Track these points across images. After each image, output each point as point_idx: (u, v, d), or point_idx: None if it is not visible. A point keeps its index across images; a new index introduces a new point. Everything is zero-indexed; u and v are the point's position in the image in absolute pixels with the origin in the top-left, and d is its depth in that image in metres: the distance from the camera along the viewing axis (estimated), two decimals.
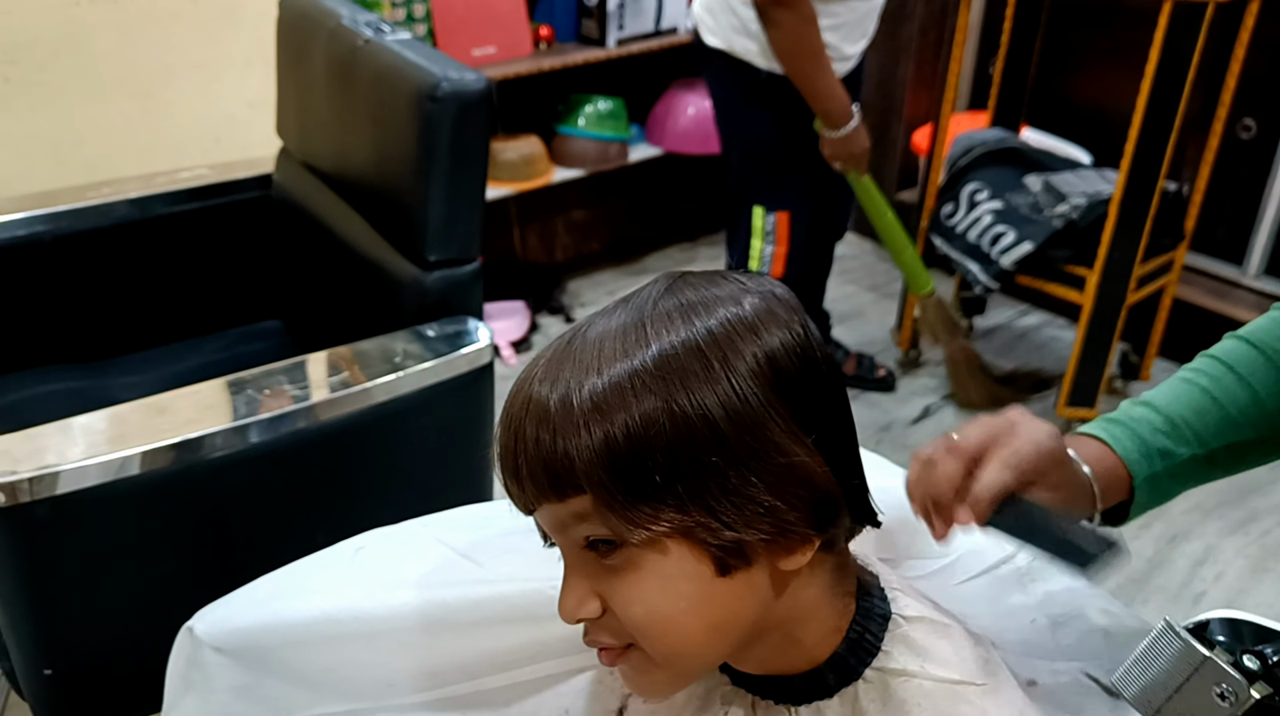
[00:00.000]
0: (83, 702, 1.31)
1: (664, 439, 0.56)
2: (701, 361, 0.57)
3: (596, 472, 0.56)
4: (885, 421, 2.50)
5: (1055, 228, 2.31)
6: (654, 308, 0.60)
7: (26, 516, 1.14)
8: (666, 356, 0.57)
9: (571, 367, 0.58)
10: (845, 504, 0.62)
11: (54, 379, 1.71)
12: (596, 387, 0.56)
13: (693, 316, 0.58)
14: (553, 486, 0.58)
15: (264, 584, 0.92)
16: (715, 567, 0.58)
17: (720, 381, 0.56)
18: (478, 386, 1.42)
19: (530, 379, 0.60)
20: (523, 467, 0.59)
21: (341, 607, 0.86)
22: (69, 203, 1.73)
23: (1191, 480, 0.77)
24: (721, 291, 0.60)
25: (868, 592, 0.68)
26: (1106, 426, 0.76)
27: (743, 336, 0.58)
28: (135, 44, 2.20)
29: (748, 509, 0.57)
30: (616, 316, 0.60)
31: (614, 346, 0.58)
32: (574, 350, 0.59)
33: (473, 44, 2.57)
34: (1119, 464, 0.74)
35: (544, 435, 0.57)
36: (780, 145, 2.09)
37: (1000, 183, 2.46)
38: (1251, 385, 0.75)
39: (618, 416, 0.56)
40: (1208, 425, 0.75)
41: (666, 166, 3.12)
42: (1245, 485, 2.29)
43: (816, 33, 1.92)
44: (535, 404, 0.58)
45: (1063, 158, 2.60)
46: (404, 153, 1.41)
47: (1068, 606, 0.84)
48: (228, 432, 1.23)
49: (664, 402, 0.56)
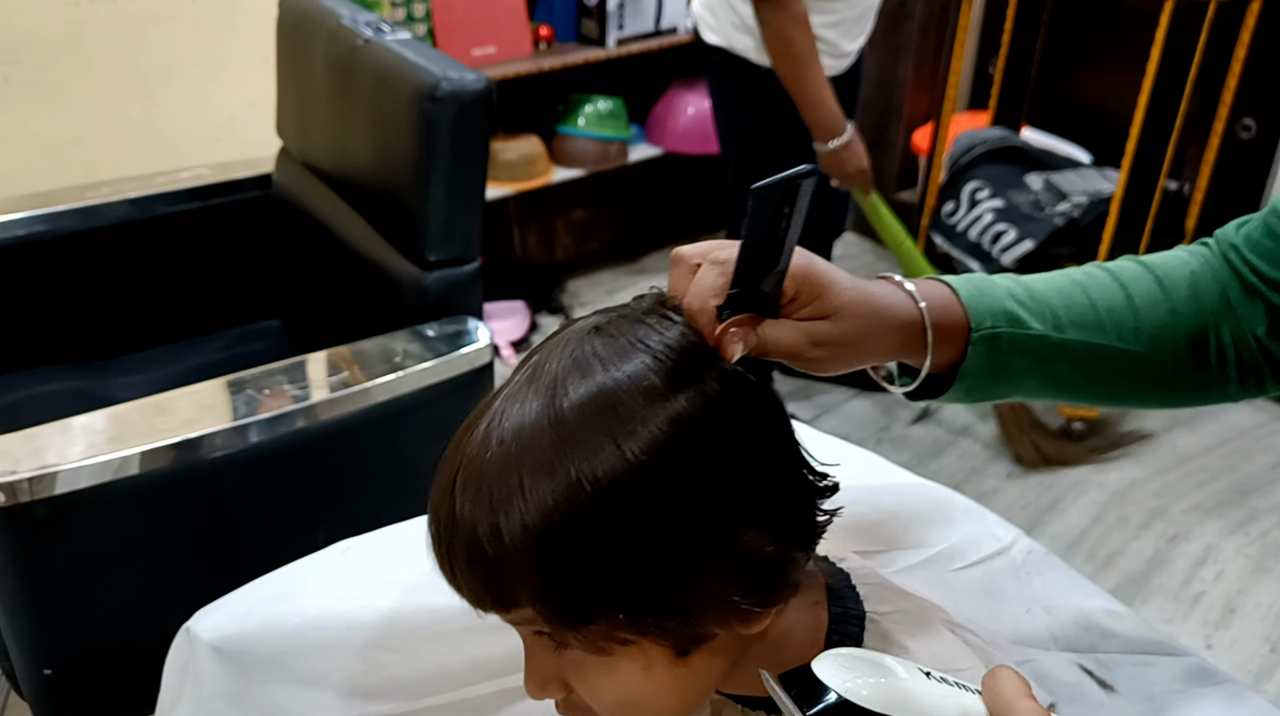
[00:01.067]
0: (82, 702, 1.31)
1: (603, 557, 0.53)
2: (627, 468, 0.53)
3: (537, 598, 0.55)
4: (885, 421, 2.50)
5: (1056, 226, 2.31)
6: (565, 402, 0.54)
7: (26, 516, 1.14)
8: (594, 471, 0.53)
9: (494, 488, 0.54)
10: (798, 554, 0.60)
11: (54, 379, 1.71)
12: (527, 515, 0.53)
13: (608, 413, 0.54)
14: (495, 603, 0.56)
15: (262, 585, 0.92)
16: (674, 653, 0.57)
17: (651, 485, 0.53)
18: (478, 386, 1.42)
19: (450, 489, 0.56)
20: (461, 585, 0.57)
21: (332, 613, 0.86)
22: (69, 203, 1.73)
23: (1037, 365, 0.67)
24: (633, 367, 0.55)
25: (839, 596, 0.68)
26: (960, 278, 0.68)
27: (667, 431, 0.54)
28: (135, 44, 2.20)
29: (696, 603, 0.55)
30: (529, 407, 0.55)
31: (534, 460, 0.54)
32: (492, 465, 0.55)
33: (473, 44, 2.57)
34: (960, 311, 0.65)
35: (477, 562, 0.55)
36: (779, 143, 2.08)
37: (1001, 181, 2.46)
38: (1129, 293, 0.69)
39: (551, 541, 0.53)
40: (1070, 310, 0.68)
41: (666, 166, 3.12)
42: (1245, 485, 2.29)
43: (806, 35, 1.88)
44: (462, 530, 0.55)
45: (1063, 156, 2.60)
46: (404, 153, 1.41)
47: (1063, 600, 0.84)
48: (227, 432, 1.23)
49: (597, 520, 0.53)
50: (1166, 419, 2.52)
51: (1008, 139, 2.59)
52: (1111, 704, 0.78)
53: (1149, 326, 0.68)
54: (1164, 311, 0.68)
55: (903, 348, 0.64)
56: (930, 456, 2.37)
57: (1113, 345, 0.68)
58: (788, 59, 1.90)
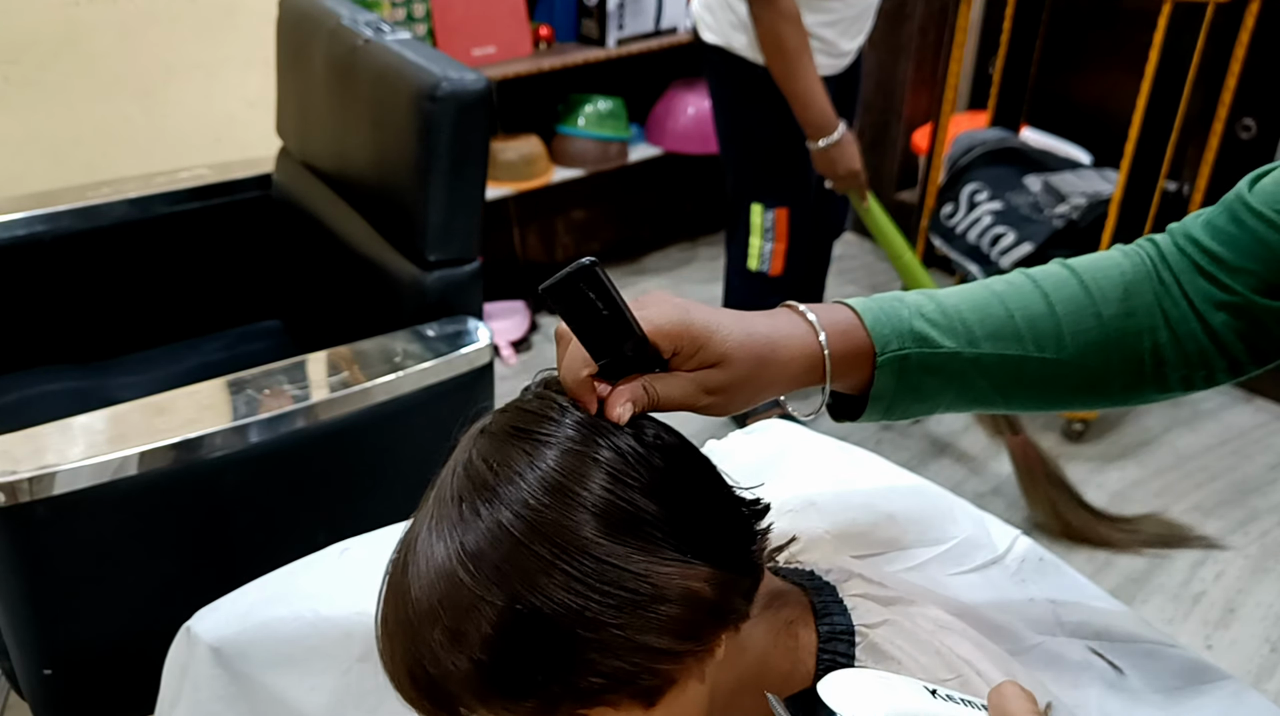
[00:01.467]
0: (82, 702, 1.31)
1: (531, 641, 0.54)
2: (533, 555, 0.54)
3: (479, 695, 0.55)
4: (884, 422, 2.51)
5: (1055, 228, 2.31)
6: (461, 513, 0.56)
7: (26, 516, 1.14)
8: (496, 564, 0.54)
9: (419, 643, 0.56)
10: (738, 579, 0.60)
11: (54, 379, 1.71)
12: (457, 661, 0.55)
13: (505, 510, 0.55)
14: (445, 711, 0.57)
15: (262, 586, 0.92)
16: (642, 704, 0.57)
17: (560, 562, 0.54)
18: (477, 386, 1.42)
19: (384, 634, 0.59)
20: (410, 701, 0.59)
21: (331, 615, 0.86)
22: (69, 203, 1.73)
23: (951, 382, 0.67)
24: (520, 465, 0.57)
25: (826, 613, 0.68)
26: (864, 300, 0.67)
27: (564, 507, 0.55)
28: (135, 44, 2.20)
29: (641, 657, 0.55)
30: (436, 549, 0.56)
31: (452, 605, 0.55)
32: (414, 617, 0.56)
33: (472, 44, 2.57)
34: (864, 336, 0.65)
35: (418, 689, 0.57)
36: (778, 141, 2.08)
37: (1000, 182, 2.46)
38: (1051, 301, 0.68)
39: (476, 640, 0.54)
40: (985, 323, 0.67)
41: (666, 166, 3.12)
42: (1245, 485, 2.29)
43: (797, 32, 1.88)
44: (398, 651, 0.57)
45: (1062, 157, 2.59)
46: (404, 152, 1.41)
47: (1066, 599, 0.84)
48: (227, 432, 1.23)
49: (515, 609, 0.54)
50: (1166, 419, 2.53)
51: (1006, 140, 2.59)
52: (1122, 682, 0.78)
53: (1071, 333, 0.67)
54: (1088, 316, 0.68)
55: (804, 377, 0.64)
56: (930, 456, 2.38)
57: (1030, 355, 0.67)
58: (778, 56, 1.90)
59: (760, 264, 2.20)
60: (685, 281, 3.15)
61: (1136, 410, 2.56)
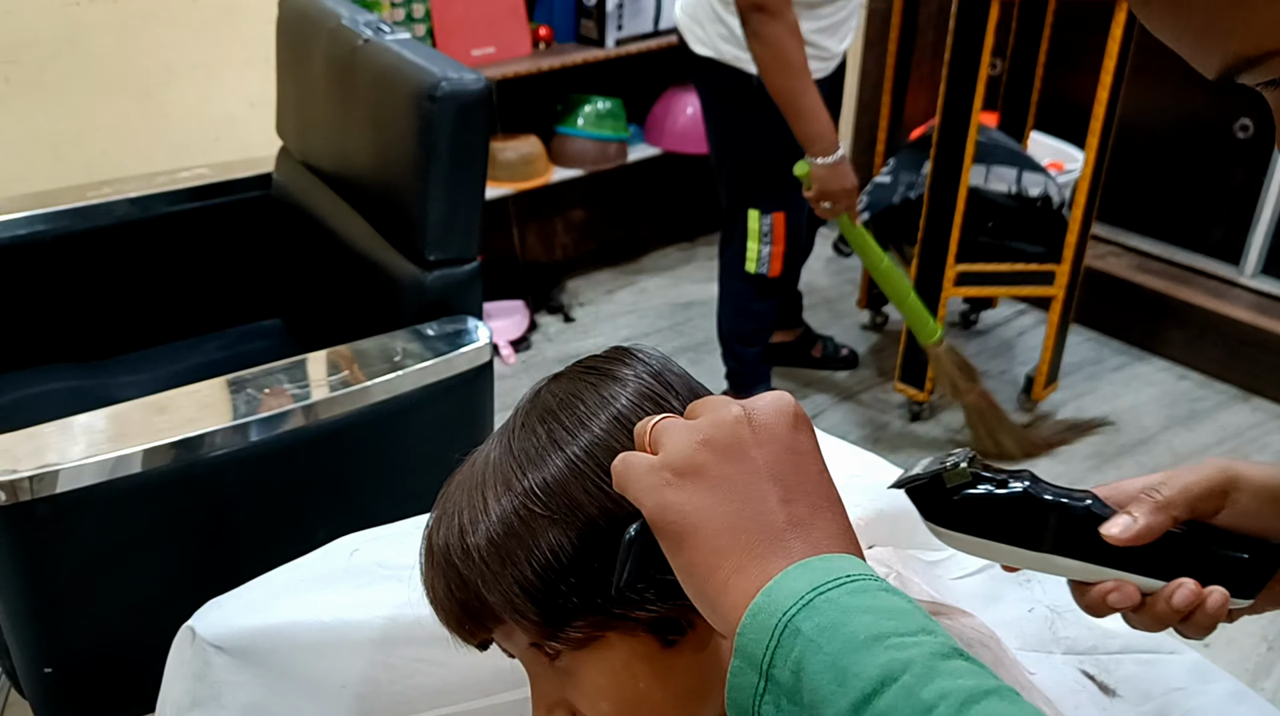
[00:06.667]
0: (83, 701, 1.31)
1: (569, 562, 0.56)
2: (580, 478, 0.57)
3: (514, 609, 0.58)
4: (883, 421, 2.51)
5: (892, 203, 2.44)
6: (521, 436, 0.60)
7: (27, 515, 1.15)
8: (549, 482, 0.57)
9: (461, 512, 0.60)
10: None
11: (54, 378, 1.71)
12: (494, 530, 0.58)
13: (558, 430, 0.59)
14: (478, 626, 0.61)
15: (263, 583, 0.92)
16: (658, 642, 0.59)
17: (606, 488, 0.56)
18: (477, 385, 1.42)
19: (430, 530, 0.63)
20: (449, 617, 0.62)
21: (336, 613, 0.86)
22: (69, 202, 1.74)
23: None
24: (589, 399, 0.60)
25: None
26: None
27: (615, 436, 0.58)
28: (135, 44, 2.21)
29: (663, 587, 0.56)
30: (491, 450, 0.62)
31: (496, 481, 0.59)
32: (459, 491, 0.61)
33: (472, 44, 2.57)
34: None
35: (454, 587, 0.60)
36: (773, 148, 2.07)
37: (908, 164, 2.53)
38: None
39: (520, 554, 0.57)
40: None
41: (665, 166, 3.13)
42: None
43: (800, 46, 1.86)
44: (438, 556, 0.61)
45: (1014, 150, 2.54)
46: (403, 152, 1.42)
47: (1064, 601, 0.84)
48: (228, 431, 1.23)
49: (560, 528, 0.57)
50: (1164, 418, 2.53)
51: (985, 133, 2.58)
52: (1113, 707, 0.79)
53: None
54: None
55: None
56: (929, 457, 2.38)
57: None
58: (785, 72, 1.86)
59: (759, 267, 2.21)
60: (684, 281, 3.15)
61: (1135, 409, 2.57)
